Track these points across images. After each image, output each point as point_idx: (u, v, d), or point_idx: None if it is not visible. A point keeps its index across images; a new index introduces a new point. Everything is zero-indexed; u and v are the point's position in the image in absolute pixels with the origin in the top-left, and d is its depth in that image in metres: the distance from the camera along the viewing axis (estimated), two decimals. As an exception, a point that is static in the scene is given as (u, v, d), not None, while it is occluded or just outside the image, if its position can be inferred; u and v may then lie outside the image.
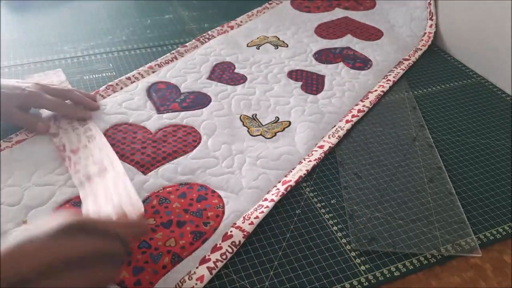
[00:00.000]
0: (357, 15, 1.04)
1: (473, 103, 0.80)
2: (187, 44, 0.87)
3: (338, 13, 1.04)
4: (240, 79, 0.79)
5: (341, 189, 0.61)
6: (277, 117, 0.71)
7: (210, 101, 0.73)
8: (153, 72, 0.79)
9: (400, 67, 0.87)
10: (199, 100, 0.73)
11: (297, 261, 0.52)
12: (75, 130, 0.63)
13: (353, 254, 0.53)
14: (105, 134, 0.64)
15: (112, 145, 0.62)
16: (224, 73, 0.80)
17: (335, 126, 0.71)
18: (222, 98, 0.74)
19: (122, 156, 0.61)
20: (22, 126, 0.64)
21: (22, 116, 0.63)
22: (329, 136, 0.69)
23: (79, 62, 0.83)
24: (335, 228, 0.56)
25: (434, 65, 0.91)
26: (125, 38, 0.92)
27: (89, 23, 0.96)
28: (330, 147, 0.66)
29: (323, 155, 0.65)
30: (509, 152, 0.69)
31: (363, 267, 0.51)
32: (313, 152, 0.66)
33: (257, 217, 0.54)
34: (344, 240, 0.54)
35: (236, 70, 0.81)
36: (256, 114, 0.72)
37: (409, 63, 0.88)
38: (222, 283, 0.49)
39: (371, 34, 0.97)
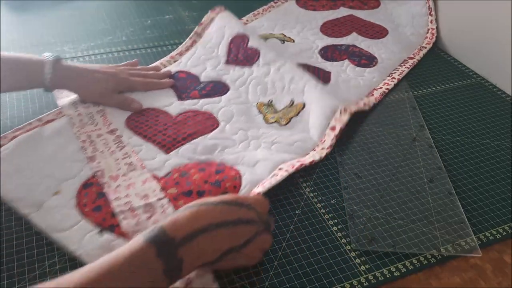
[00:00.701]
0: (362, 14, 1.04)
1: (473, 103, 0.80)
2: (202, 21, 0.89)
3: (343, 12, 1.04)
4: (254, 56, 0.80)
5: (341, 189, 0.61)
6: (292, 100, 0.73)
7: (228, 89, 0.76)
8: (175, 61, 0.83)
9: (405, 65, 0.87)
10: (218, 89, 0.76)
11: (297, 261, 0.52)
12: (113, 155, 0.61)
13: (353, 254, 0.53)
14: (129, 118, 0.69)
15: (136, 127, 0.67)
16: (239, 51, 0.81)
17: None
18: (239, 85, 0.77)
19: (145, 137, 0.65)
20: (118, 106, 0.69)
21: (118, 98, 0.70)
22: (340, 113, 0.68)
23: (79, 62, 0.83)
24: (335, 228, 0.56)
25: (434, 65, 0.91)
26: (125, 38, 0.92)
27: (89, 24, 0.96)
28: (341, 128, 0.67)
29: (335, 140, 0.66)
30: (509, 152, 0.69)
31: (363, 267, 0.51)
32: (325, 137, 0.67)
33: (270, 182, 0.58)
34: (344, 240, 0.54)
35: (249, 45, 0.82)
36: (271, 100, 0.74)
37: (413, 62, 0.89)
38: (222, 283, 0.49)
39: (376, 32, 0.97)
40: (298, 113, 0.71)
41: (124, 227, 0.51)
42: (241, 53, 0.81)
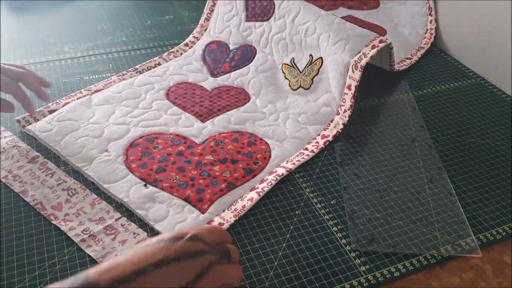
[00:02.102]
0: (361, 14, 1.04)
1: (473, 104, 0.80)
2: None
3: (342, 12, 1.04)
4: (270, 9, 0.82)
5: (341, 189, 0.61)
6: (311, 55, 0.76)
7: (255, 53, 0.82)
8: (205, 30, 0.88)
9: (403, 63, 0.88)
10: (246, 55, 0.82)
11: (297, 261, 0.52)
12: (45, 183, 0.58)
13: (353, 254, 0.53)
14: (168, 90, 0.75)
15: (175, 98, 0.73)
16: (255, 4, 0.83)
17: (359, 53, 0.71)
18: (263, 45, 0.82)
19: (183, 108, 0.72)
20: None
21: None
22: (353, 69, 0.70)
23: (79, 63, 0.83)
24: (335, 228, 0.56)
25: (434, 65, 0.91)
26: (125, 38, 0.92)
27: (89, 24, 0.96)
28: (356, 86, 0.70)
29: (353, 100, 0.70)
30: (508, 152, 0.69)
31: (363, 268, 0.51)
32: (344, 97, 0.71)
33: (298, 160, 0.64)
34: (344, 241, 0.54)
35: None
36: (293, 59, 0.78)
37: (411, 62, 0.89)
38: (222, 284, 0.49)
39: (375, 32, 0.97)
40: (318, 70, 0.75)
41: (93, 255, 0.50)
42: (257, 6, 0.84)
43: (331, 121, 0.71)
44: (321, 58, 0.75)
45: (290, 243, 0.54)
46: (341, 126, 0.69)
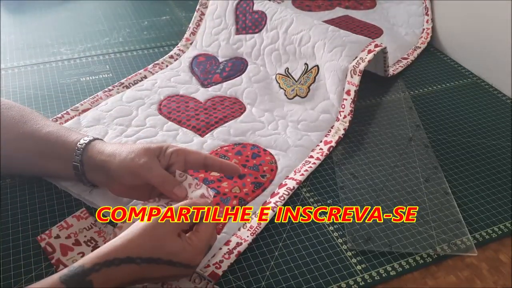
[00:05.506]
0: (358, 14, 1.04)
1: (469, 103, 0.80)
2: None
3: (338, 12, 1.05)
4: (261, 21, 0.81)
5: (338, 189, 0.61)
6: (306, 63, 0.75)
7: (247, 65, 0.81)
8: (191, 44, 0.86)
9: (398, 64, 0.88)
10: (237, 66, 0.81)
11: (293, 261, 0.52)
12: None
13: (349, 253, 0.53)
14: (160, 104, 0.73)
15: (169, 113, 0.71)
16: (246, 17, 0.82)
17: (356, 58, 0.71)
18: (255, 57, 0.81)
19: (179, 123, 0.69)
20: (155, 184, 0.49)
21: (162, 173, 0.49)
22: (351, 74, 0.69)
23: (76, 64, 0.83)
24: (331, 228, 0.56)
25: (430, 65, 0.91)
26: (122, 39, 0.92)
27: (86, 25, 0.96)
28: (355, 91, 0.69)
29: (353, 105, 0.70)
30: (504, 151, 0.69)
31: (359, 267, 0.51)
32: (344, 103, 0.70)
33: (306, 170, 0.63)
34: (340, 240, 0.54)
35: (255, 8, 0.83)
36: (288, 68, 0.78)
37: (407, 62, 0.89)
38: (218, 283, 0.49)
39: (371, 32, 0.97)
40: (315, 78, 0.74)
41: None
42: (248, 19, 0.82)
43: (332, 127, 0.70)
44: (317, 66, 0.74)
45: (287, 242, 0.54)
46: (343, 132, 0.69)
